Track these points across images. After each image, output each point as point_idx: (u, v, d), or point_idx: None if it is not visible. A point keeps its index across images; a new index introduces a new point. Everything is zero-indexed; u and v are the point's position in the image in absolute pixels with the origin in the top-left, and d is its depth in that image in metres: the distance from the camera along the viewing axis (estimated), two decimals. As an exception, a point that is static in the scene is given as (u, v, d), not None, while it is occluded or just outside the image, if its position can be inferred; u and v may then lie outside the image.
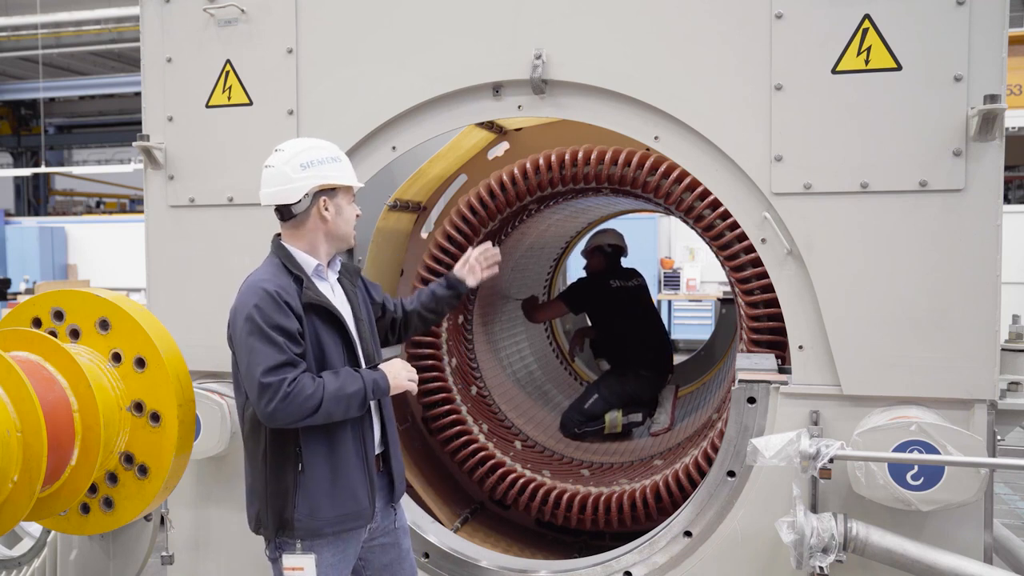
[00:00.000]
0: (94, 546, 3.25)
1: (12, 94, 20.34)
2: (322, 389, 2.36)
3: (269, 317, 2.37)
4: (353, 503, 2.49)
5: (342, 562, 2.55)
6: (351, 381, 2.41)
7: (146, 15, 3.34)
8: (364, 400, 2.43)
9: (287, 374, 2.33)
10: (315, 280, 2.55)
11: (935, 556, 2.47)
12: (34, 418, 2.09)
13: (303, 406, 2.33)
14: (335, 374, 2.42)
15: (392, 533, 2.70)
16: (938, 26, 2.55)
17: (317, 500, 2.44)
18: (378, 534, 2.67)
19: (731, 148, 2.76)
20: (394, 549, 2.70)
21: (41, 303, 2.57)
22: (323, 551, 2.48)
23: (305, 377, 2.36)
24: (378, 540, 2.67)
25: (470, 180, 4.10)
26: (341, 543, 2.53)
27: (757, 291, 3.25)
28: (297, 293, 2.45)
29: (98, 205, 24.95)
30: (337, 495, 2.46)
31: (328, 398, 2.35)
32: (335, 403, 2.37)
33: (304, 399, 2.33)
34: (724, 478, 2.87)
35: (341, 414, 2.41)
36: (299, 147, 2.55)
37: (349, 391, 2.39)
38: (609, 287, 5.25)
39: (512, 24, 2.94)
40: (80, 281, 16.33)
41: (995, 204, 2.55)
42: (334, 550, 2.51)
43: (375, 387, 2.46)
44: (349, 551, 2.57)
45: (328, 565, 2.50)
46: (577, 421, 4.94)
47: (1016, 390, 2.88)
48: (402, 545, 2.73)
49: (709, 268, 13.17)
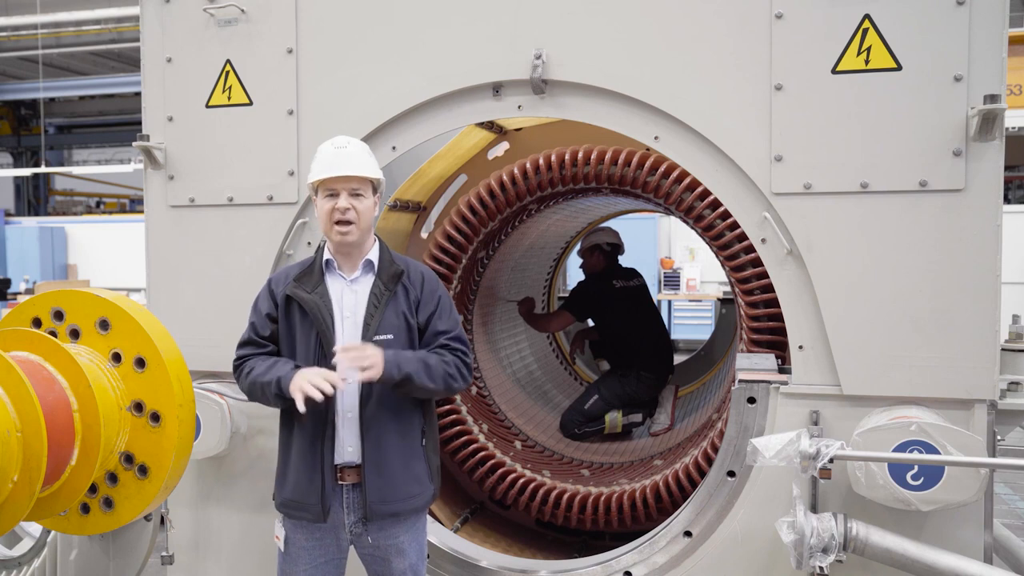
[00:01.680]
0: (94, 546, 3.25)
1: (12, 94, 20.34)
2: (251, 372, 2.58)
3: (257, 300, 2.70)
4: (297, 493, 2.59)
5: (318, 550, 2.61)
6: (271, 372, 2.53)
7: (146, 15, 3.34)
8: (277, 392, 2.50)
9: (244, 351, 2.65)
10: (327, 276, 2.63)
11: (935, 556, 2.47)
12: (34, 418, 2.09)
13: (242, 382, 2.63)
14: (274, 363, 2.57)
15: (380, 549, 2.62)
16: (938, 26, 2.55)
17: (279, 480, 2.67)
18: (362, 547, 2.64)
19: (731, 148, 2.76)
20: (383, 565, 2.65)
21: (41, 303, 2.57)
22: (295, 533, 2.63)
23: (256, 359, 2.61)
24: (365, 551, 2.66)
25: (470, 180, 4.10)
26: (315, 531, 2.60)
27: (757, 291, 3.25)
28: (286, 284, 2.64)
29: (98, 205, 24.95)
30: (286, 481, 2.63)
31: (251, 381, 2.57)
32: (255, 387, 2.57)
33: (243, 376, 2.62)
34: (724, 478, 2.87)
35: (261, 398, 2.59)
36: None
37: (263, 379, 2.53)
38: (613, 288, 5.19)
39: (512, 24, 2.94)
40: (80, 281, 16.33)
41: (995, 204, 2.55)
42: (306, 535, 2.61)
43: (279, 383, 2.50)
44: (327, 542, 2.61)
45: (301, 548, 2.62)
46: (577, 422, 4.94)
47: (1016, 390, 2.88)
48: (392, 565, 2.63)
49: (709, 268, 13.17)
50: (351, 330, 2.58)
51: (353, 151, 2.61)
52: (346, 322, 2.59)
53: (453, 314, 2.70)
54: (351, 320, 2.60)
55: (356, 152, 2.62)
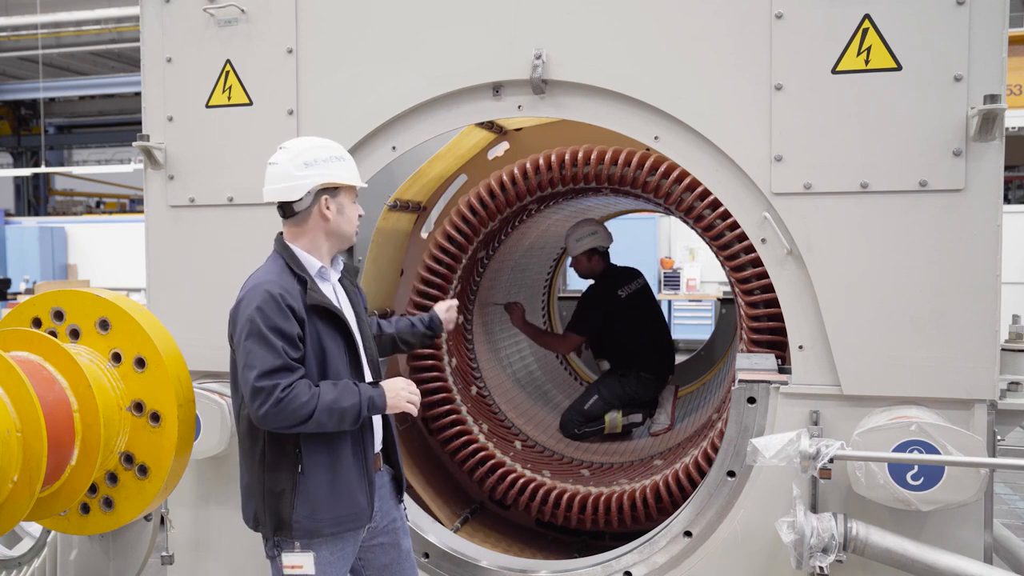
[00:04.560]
0: (94, 546, 3.25)
1: (12, 94, 20.34)
2: (316, 399, 2.33)
3: (270, 320, 2.35)
4: (351, 505, 2.48)
5: (340, 560, 2.55)
6: (348, 395, 2.38)
7: (146, 15, 3.34)
8: (358, 416, 2.40)
9: (281, 379, 2.31)
10: (318, 281, 2.54)
11: (935, 556, 2.47)
12: (34, 418, 2.09)
13: (295, 413, 2.32)
14: (334, 385, 2.39)
15: (392, 533, 2.69)
16: (938, 26, 2.55)
17: (316, 502, 2.43)
18: (378, 533, 2.67)
19: (731, 148, 2.76)
20: (394, 549, 2.70)
21: (41, 303, 2.57)
22: (321, 549, 2.48)
23: (301, 384, 2.34)
24: (378, 540, 2.67)
25: (470, 180, 4.10)
26: (340, 542, 2.52)
27: (757, 291, 3.25)
28: (300, 295, 2.43)
29: (98, 205, 24.95)
30: (336, 497, 2.45)
31: (321, 409, 2.33)
32: (327, 415, 2.35)
33: (297, 407, 2.31)
34: (724, 478, 2.87)
35: (334, 426, 2.38)
36: (303, 145, 2.55)
37: (344, 405, 2.36)
38: (619, 300, 5.04)
39: (512, 24, 2.94)
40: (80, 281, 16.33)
41: (995, 204, 2.55)
42: (332, 548, 2.51)
43: (371, 404, 2.43)
44: (347, 549, 2.57)
45: (326, 563, 2.50)
46: (577, 422, 4.93)
47: (1016, 390, 2.88)
48: (402, 546, 2.72)
49: (709, 268, 13.16)
50: (357, 330, 2.60)
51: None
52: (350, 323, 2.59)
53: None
54: (352, 320, 2.60)
55: None
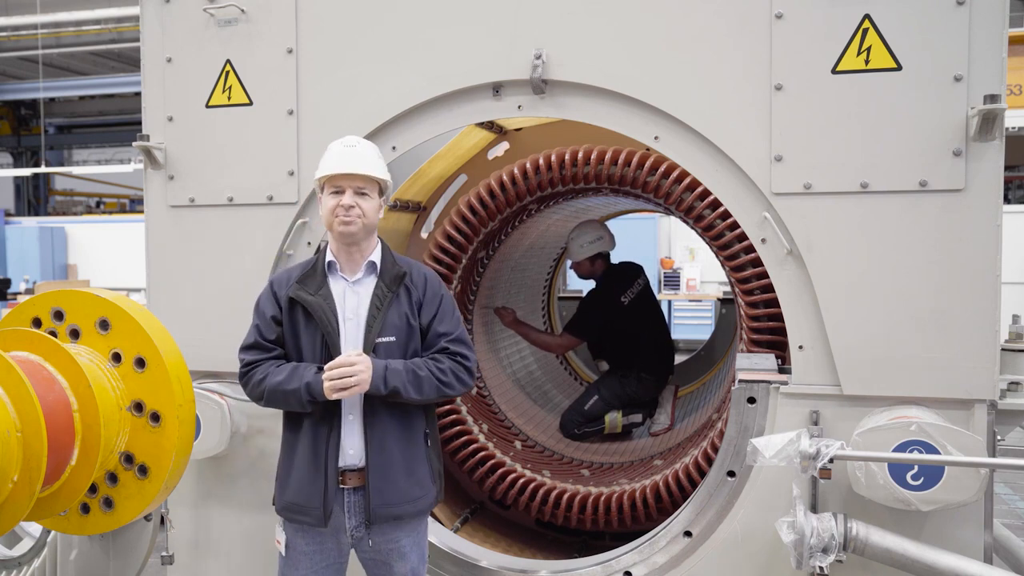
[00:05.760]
0: (94, 546, 3.25)
1: (12, 94, 20.34)
2: (267, 379, 2.53)
3: (259, 302, 2.67)
4: (299, 496, 2.57)
5: (319, 554, 2.60)
6: (294, 379, 2.50)
7: (146, 15, 3.34)
8: (301, 399, 2.49)
9: (249, 355, 2.60)
10: (329, 276, 2.61)
11: (935, 556, 2.47)
12: (34, 418, 2.09)
13: (253, 390, 2.59)
14: (290, 368, 2.54)
15: (382, 553, 2.62)
16: (938, 26, 2.55)
17: (280, 484, 2.65)
18: (363, 551, 2.64)
19: (731, 148, 2.76)
20: (384, 569, 2.64)
21: (41, 303, 2.57)
22: (295, 537, 2.62)
23: (267, 363, 2.57)
24: (366, 555, 2.65)
25: (470, 180, 4.10)
26: (316, 535, 2.58)
27: (757, 291, 3.25)
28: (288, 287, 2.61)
29: (98, 205, 24.96)
30: (287, 485, 2.61)
31: (270, 389, 2.53)
32: (274, 395, 2.53)
33: (255, 383, 2.57)
34: (724, 478, 2.87)
35: (285, 407, 2.57)
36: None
37: (287, 388, 2.50)
38: (621, 306, 5.04)
39: (512, 24, 2.94)
40: (80, 281, 16.33)
41: (995, 204, 2.55)
42: (307, 540, 2.59)
43: (309, 389, 2.48)
44: (328, 546, 2.59)
45: (300, 552, 2.60)
46: (577, 422, 4.93)
47: (1016, 390, 2.88)
48: (393, 568, 2.63)
49: (709, 268, 13.17)
50: (354, 332, 2.58)
51: (362, 151, 2.62)
52: (348, 324, 2.59)
53: (455, 316, 2.69)
54: (354, 322, 2.59)
55: (365, 152, 2.63)
